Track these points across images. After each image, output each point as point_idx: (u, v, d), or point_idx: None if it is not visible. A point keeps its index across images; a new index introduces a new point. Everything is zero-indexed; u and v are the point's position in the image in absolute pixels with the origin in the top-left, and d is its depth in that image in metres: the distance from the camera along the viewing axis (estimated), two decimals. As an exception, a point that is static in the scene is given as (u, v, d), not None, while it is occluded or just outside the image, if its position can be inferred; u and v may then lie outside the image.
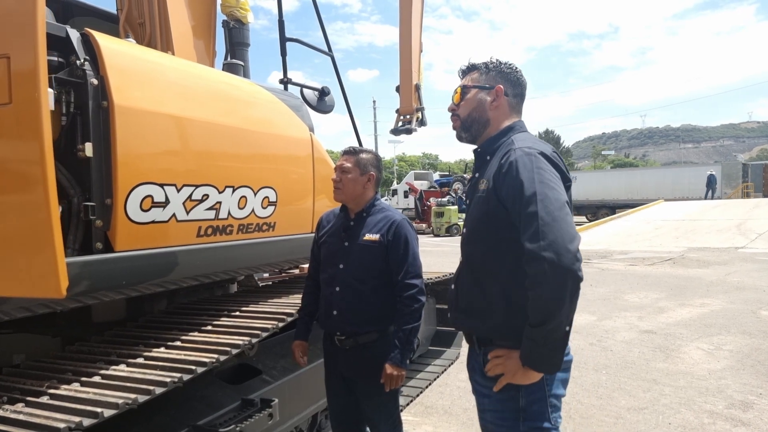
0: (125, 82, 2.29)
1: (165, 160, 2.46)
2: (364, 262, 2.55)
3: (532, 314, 1.57)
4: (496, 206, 1.71)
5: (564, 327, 1.55)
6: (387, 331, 2.58)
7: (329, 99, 3.76)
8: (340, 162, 2.62)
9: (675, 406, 4.28)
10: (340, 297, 2.57)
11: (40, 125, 1.85)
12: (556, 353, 1.60)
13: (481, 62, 1.94)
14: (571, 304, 1.53)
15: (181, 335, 2.65)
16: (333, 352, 2.68)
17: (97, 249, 2.24)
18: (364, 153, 2.63)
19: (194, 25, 3.70)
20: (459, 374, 5.06)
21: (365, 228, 2.59)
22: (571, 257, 1.49)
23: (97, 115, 2.21)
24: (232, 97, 2.95)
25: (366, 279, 2.55)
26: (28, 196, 1.91)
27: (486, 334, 1.80)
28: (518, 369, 1.65)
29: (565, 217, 1.55)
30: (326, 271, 2.67)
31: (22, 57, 1.87)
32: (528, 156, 1.66)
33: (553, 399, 1.73)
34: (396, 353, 2.45)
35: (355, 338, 2.57)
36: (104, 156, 2.23)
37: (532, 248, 1.53)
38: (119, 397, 1.97)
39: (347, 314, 2.56)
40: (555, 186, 1.60)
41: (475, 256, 1.83)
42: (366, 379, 2.58)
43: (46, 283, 1.91)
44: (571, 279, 1.50)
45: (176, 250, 2.54)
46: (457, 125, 1.95)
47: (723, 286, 9.53)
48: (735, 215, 20.48)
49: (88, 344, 2.65)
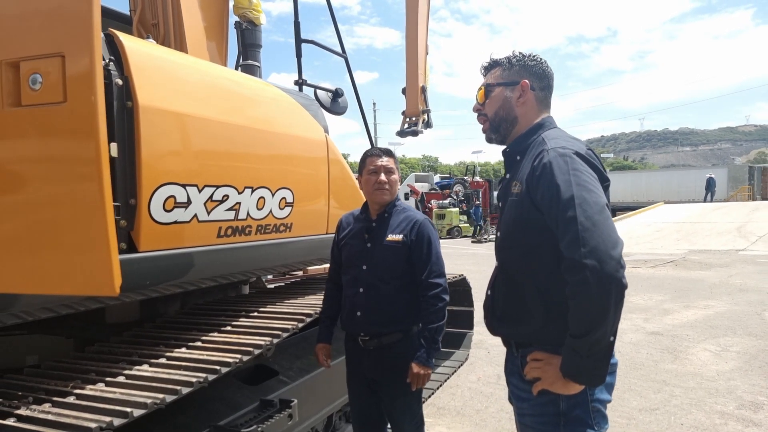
0: (149, 83, 2.29)
1: (187, 160, 2.47)
2: (388, 263, 2.55)
3: (575, 324, 1.49)
4: (531, 210, 1.63)
5: (608, 337, 1.47)
6: (411, 331, 2.59)
7: (342, 101, 3.77)
8: (381, 163, 2.61)
9: (686, 407, 4.28)
10: (364, 298, 2.56)
11: (96, 124, 1.87)
12: (601, 365, 1.51)
13: (504, 57, 1.85)
14: (615, 314, 1.44)
15: (201, 336, 2.65)
16: (356, 354, 2.68)
17: (122, 249, 2.24)
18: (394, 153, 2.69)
19: (207, 26, 3.70)
20: (469, 375, 5.06)
21: (388, 229, 2.58)
22: (615, 264, 1.41)
23: (121, 116, 2.21)
24: (251, 98, 2.95)
25: (389, 279, 2.54)
26: (84, 195, 1.92)
27: (524, 340, 1.74)
28: (558, 378, 1.56)
29: (605, 221, 1.47)
30: (349, 272, 2.66)
31: (78, 56, 1.89)
32: (563, 157, 1.58)
33: (596, 404, 1.63)
34: (422, 352, 2.46)
35: (380, 339, 2.56)
36: (128, 156, 2.22)
37: (572, 256, 1.45)
38: (147, 397, 1.97)
39: (371, 315, 2.56)
40: (593, 188, 1.53)
41: (511, 261, 1.76)
42: (391, 379, 2.58)
43: (100, 280, 1.94)
44: (615, 287, 1.42)
45: (198, 251, 2.54)
46: (486, 127, 1.88)
47: (726, 288, 9.55)
48: (735, 218, 20.53)
49: (108, 345, 2.65)
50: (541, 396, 1.64)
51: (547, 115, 1.83)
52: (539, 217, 1.61)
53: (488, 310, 1.88)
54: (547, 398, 1.63)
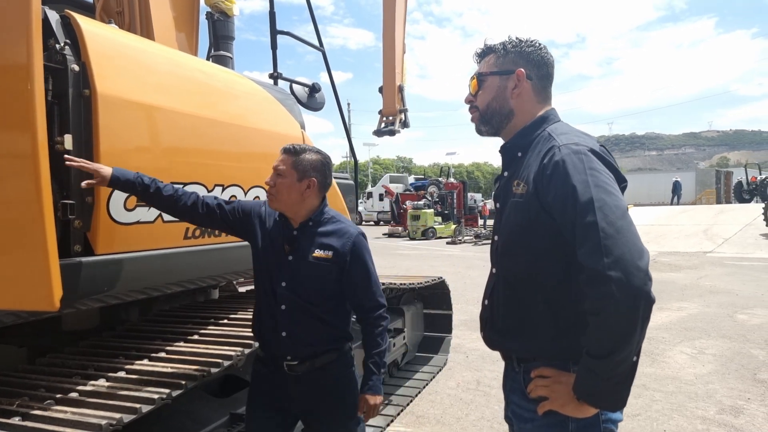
0: (109, 69, 2.10)
1: (151, 155, 2.27)
2: (315, 283, 2.11)
3: (595, 343, 1.32)
4: (539, 213, 1.46)
5: (632, 357, 1.31)
6: (344, 348, 2.23)
7: (320, 96, 3.60)
8: (275, 162, 2.13)
9: (668, 412, 4.23)
10: (288, 317, 2.11)
11: (32, 115, 1.67)
12: (622, 388, 1.34)
13: (499, 43, 1.66)
14: (642, 332, 1.29)
15: (165, 345, 2.46)
16: (274, 383, 2.16)
17: (76, 252, 2.03)
18: (306, 153, 2.12)
19: (176, 16, 3.50)
20: (448, 381, 4.93)
21: (314, 242, 2.12)
22: (643, 276, 1.25)
23: (77, 105, 2.01)
24: (223, 90, 2.77)
25: (318, 301, 2.12)
26: (18, 196, 1.73)
27: (529, 355, 1.57)
28: (569, 400, 1.40)
29: (629, 228, 1.31)
30: (264, 282, 2.18)
31: (10, 38, 1.68)
32: (577, 155, 1.41)
33: (609, 425, 1.47)
34: (374, 380, 2.13)
35: (312, 361, 2.12)
36: (85, 149, 2.03)
37: (594, 266, 1.28)
38: (101, 417, 1.78)
39: (300, 335, 2.11)
40: (613, 190, 1.37)
41: (515, 269, 1.57)
42: (329, 407, 2.16)
43: (38, 293, 1.72)
44: (644, 302, 1.25)
45: (162, 254, 2.35)
46: (476, 118, 1.71)
47: (697, 290, 9.67)
48: (701, 221, 20.98)
49: (62, 356, 2.44)
50: (548, 416, 1.47)
51: (548, 107, 1.67)
52: (548, 220, 1.44)
53: (486, 322, 1.69)
54: (555, 419, 1.46)
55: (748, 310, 8.02)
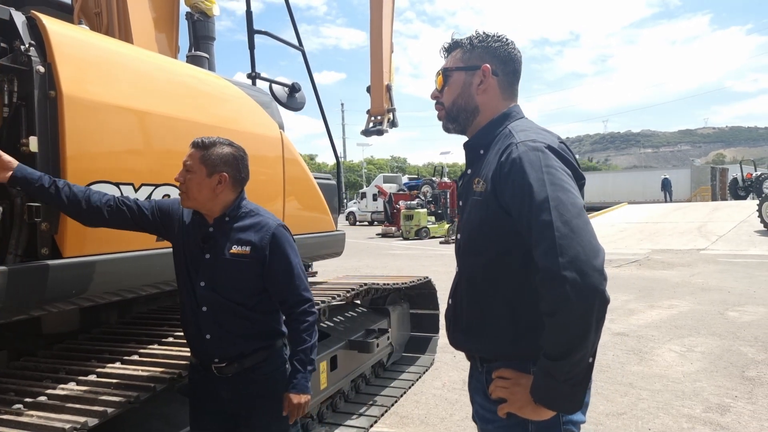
0: (76, 71, 2.08)
1: (121, 156, 2.25)
2: (235, 281, 2.05)
3: (551, 346, 1.30)
4: (497, 212, 1.44)
5: (588, 359, 1.30)
6: (275, 346, 2.16)
7: (300, 96, 3.59)
8: (185, 157, 2.03)
9: (653, 411, 4.23)
10: (210, 319, 2.04)
11: None
12: (579, 389, 1.33)
13: (465, 38, 1.64)
14: (597, 333, 1.28)
15: (138, 348, 2.44)
16: (209, 386, 2.11)
17: (43, 255, 2.02)
18: (216, 147, 2.02)
19: (155, 17, 3.49)
20: (434, 381, 4.92)
21: (230, 238, 2.05)
22: (598, 276, 1.24)
23: (43, 106, 1.99)
24: (196, 90, 2.75)
25: (241, 300, 2.06)
26: None
27: (490, 355, 1.56)
28: (527, 402, 1.38)
29: (585, 226, 1.29)
30: (185, 284, 2.10)
31: None
32: (534, 152, 1.39)
33: (569, 426, 1.45)
34: (299, 378, 2.04)
35: (241, 362, 2.06)
36: (51, 151, 2.01)
37: (549, 266, 1.26)
38: (67, 421, 1.76)
39: (225, 336, 2.05)
40: (570, 188, 1.35)
41: (475, 268, 1.56)
42: (261, 406, 2.10)
43: None
44: (598, 302, 1.24)
45: (133, 256, 2.33)
46: (442, 115, 1.69)
47: (689, 288, 9.67)
48: (696, 218, 21.00)
49: (35, 360, 2.42)
50: (509, 418, 1.46)
51: (513, 104, 1.64)
52: (507, 220, 1.42)
53: (450, 321, 1.67)
54: (515, 420, 1.45)
55: (739, 307, 8.01)
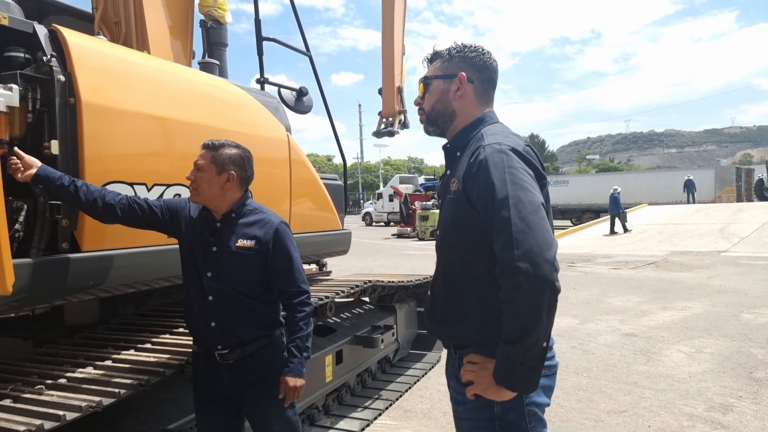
0: (93, 79, 2.26)
1: (135, 158, 2.43)
2: (240, 272, 2.21)
3: (508, 331, 1.44)
4: (468, 210, 1.58)
5: (541, 343, 1.43)
6: (274, 335, 2.31)
7: (307, 99, 3.74)
8: (196, 158, 2.22)
9: (655, 409, 4.28)
10: (215, 307, 2.19)
11: None
12: (534, 372, 1.46)
13: (445, 48, 1.79)
14: (548, 319, 1.41)
15: (152, 338, 2.61)
16: (212, 373, 2.25)
17: (64, 249, 2.20)
18: (225, 148, 2.21)
19: (171, 25, 3.66)
20: (440, 378, 5.03)
21: (236, 233, 2.22)
22: (549, 267, 1.37)
23: (63, 113, 2.17)
24: (206, 95, 2.92)
25: (244, 290, 2.22)
26: None
27: (461, 342, 1.70)
28: (490, 384, 1.51)
29: (540, 222, 1.42)
30: (191, 275, 2.26)
31: None
32: (499, 154, 1.52)
33: (533, 407, 1.59)
34: (295, 363, 2.19)
35: (242, 348, 2.21)
36: (71, 154, 2.19)
37: (505, 258, 1.40)
38: (83, 400, 1.92)
39: (228, 324, 2.19)
40: (529, 187, 1.48)
41: (449, 262, 1.71)
42: (261, 391, 2.24)
43: None
44: (549, 291, 1.38)
45: (146, 251, 2.50)
46: (423, 119, 1.84)
47: (705, 290, 9.60)
48: (718, 219, 20.68)
49: (56, 347, 2.60)
50: (477, 399, 1.60)
51: (488, 109, 1.78)
52: (476, 216, 1.56)
53: (428, 311, 1.83)
54: (482, 402, 1.59)
55: (755, 309, 7.94)
